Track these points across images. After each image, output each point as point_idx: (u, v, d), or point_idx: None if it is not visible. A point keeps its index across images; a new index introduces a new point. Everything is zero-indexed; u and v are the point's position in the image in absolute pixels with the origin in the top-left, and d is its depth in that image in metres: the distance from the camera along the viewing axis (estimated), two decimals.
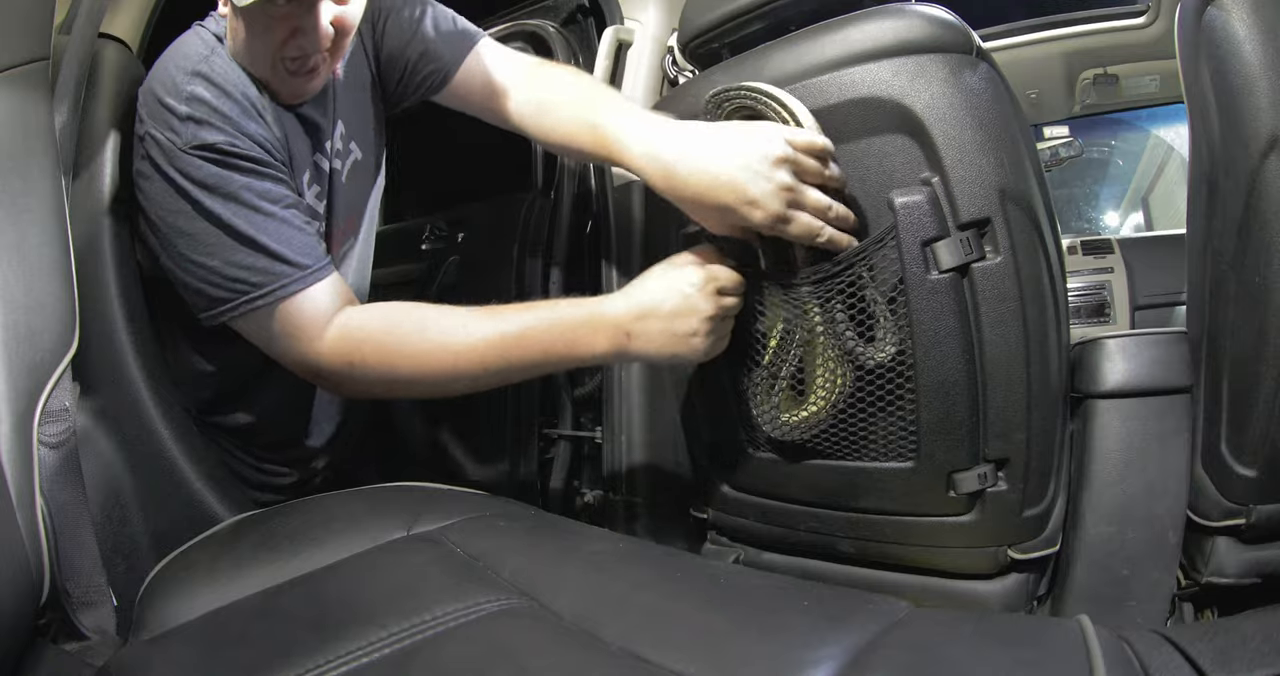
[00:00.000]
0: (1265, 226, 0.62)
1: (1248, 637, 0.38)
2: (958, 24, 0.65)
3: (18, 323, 0.54)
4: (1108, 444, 0.73)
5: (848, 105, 0.67)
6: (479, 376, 0.70)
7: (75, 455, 0.59)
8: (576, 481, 1.11)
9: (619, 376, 1.01)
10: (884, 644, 0.40)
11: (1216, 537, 0.71)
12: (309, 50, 0.72)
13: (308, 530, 0.61)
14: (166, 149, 0.68)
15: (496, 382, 0.71)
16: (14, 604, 0.49)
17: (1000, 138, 0.63)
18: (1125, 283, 1.76)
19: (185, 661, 0.46)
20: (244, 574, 0.55)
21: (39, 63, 0.60)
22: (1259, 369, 0.64)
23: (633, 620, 0.45)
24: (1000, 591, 0.73)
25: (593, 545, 0.58)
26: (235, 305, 0.69)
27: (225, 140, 0.69)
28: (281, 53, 0.72)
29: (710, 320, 0.69)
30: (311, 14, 0.70)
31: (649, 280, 0.72)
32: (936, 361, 0.65)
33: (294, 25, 0.70)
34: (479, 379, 0.70)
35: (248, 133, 0.71)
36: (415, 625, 0.44)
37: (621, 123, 0.76)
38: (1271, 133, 0.60)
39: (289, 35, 0.71)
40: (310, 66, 0.74)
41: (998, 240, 0.64)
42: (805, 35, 0.71)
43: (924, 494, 0.70)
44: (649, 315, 0.69)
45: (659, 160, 0.70)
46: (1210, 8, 0.63)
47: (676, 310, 0.69)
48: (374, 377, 0.70)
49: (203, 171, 0.68)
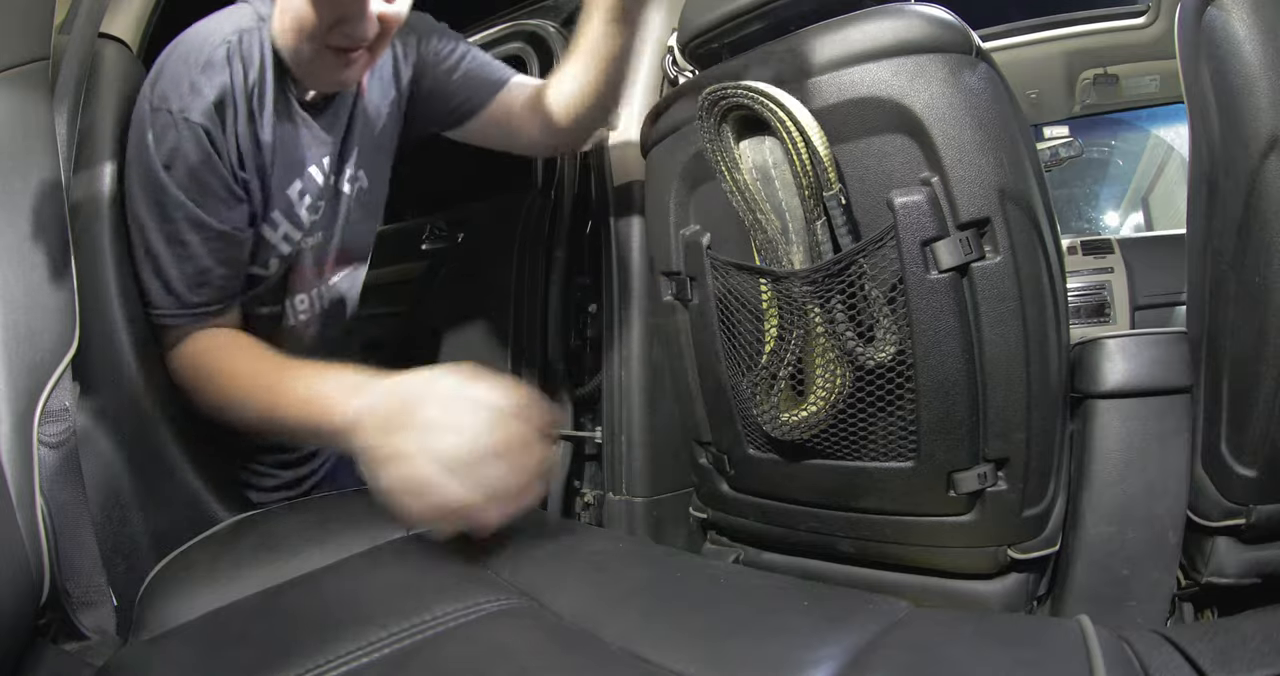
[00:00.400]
0: (1265, 226, 0.62)
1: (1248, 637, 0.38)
2: (957, 24, 0.65)
3: (18, 323, 0.54)
4: (1108, 444, 0.73)
5: (847, 105, 0.66)
6: (254, 419, 0.68)
7: (75, 455, 0.59)
8: (576, 481, 1.11)
9: (619, 376, 1.01)
10: (884, 644, 0.40)
11: (1216, 537, 0.71)
12: (355, 38, 0.73)
13: (308, 530, 0.61)
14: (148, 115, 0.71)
15: (268, 429, 0.69)
16: (14, 604, 0.49)
17: (1000, 138, 0.63)
18: (1125, 283, 1.76)
19: (185, 661, 0.46)
20: (244, 574, 0.55)
21: (39, 63, 0.60)
22: (1259, 369, 0.64)
23: (633, 620, 0.45)
24: (1000, 591, 0.73)
25: (593, 545, 0.58)
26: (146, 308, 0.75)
27: (204, 121, 0.71)
28: (327, 39, 0.74)
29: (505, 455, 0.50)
30: (359, 3, 0.72)
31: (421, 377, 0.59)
32: (936, 361, 0.65)
33: (341, 13, 0.72)
34: (255, 421, 0.69)
35: (229, 134, 0.73)
36: (415, 625, 0.44)
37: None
38: (1271, 133, 0.60)
39: (336, 21, 0.72)
40: (353, 57, 0.76)
41: (997, 240, 0.64)
42: (805, 35, 0.71)
43: (924, 493, 0.70)
44: (393, 410, 0.54)
45: None
46: (1210, 8, 0.63)
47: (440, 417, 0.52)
48: (202, 399, 0.74)
49: (156, 159, 0.71)
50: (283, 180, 0.82)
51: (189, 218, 0.73)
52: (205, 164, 0.73)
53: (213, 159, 0.73)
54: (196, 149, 0.72)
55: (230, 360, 0.74)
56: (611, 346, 1.02)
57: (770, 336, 0.73)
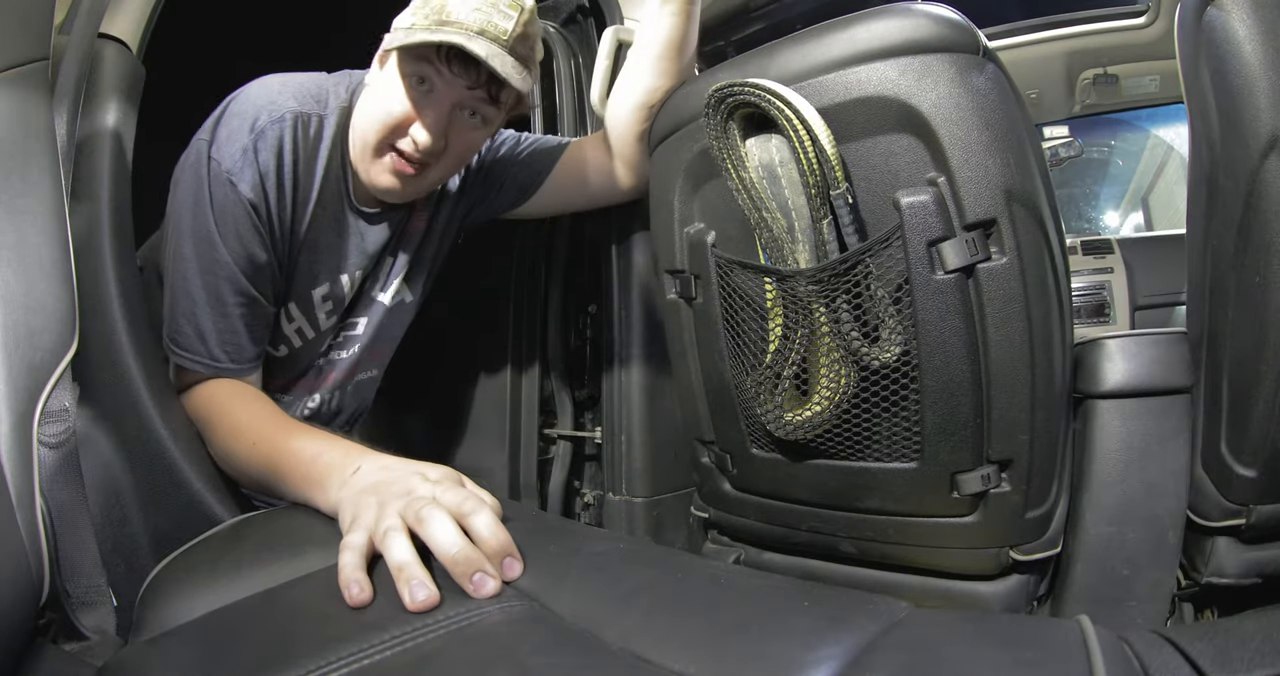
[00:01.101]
0: (1265, 226, 0.62)
1: (1248, 637, 0.38)
2: (964, 24, 0.65)
3: (18, 323, 0.54)
4: (1108, 444, 0.73)
5: (854, 104, 0.66)
6: (252, 471, 0.70)
7: (75, 455, 0.59)
8: (576, 481, 1.11)
9: (619, 376, 1.01)
10: (884, 644, 0.40)
11: (1216, 537, 0.71)
12: (420, 145, 0.75)
13: (308, 530, 0.61)
14: (206, 161, 0.73)
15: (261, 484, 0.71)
16: (14, 604, 0.49)
17: (1007, 138, 0.63)
18: (1125, 283, 1.76)
19: (185, 661, 0.46)
20: (244, 574, 0.55)
21: (39, 63, 0.60)
22: (1259, 369, 0.64)
23: (633, 620, 0.45)
24: (1001, 592, 0.73)
25: (593, 545, 0.58)
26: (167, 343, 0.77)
27: (252, 196, 0.73)
28: (391, 137, 0.76)
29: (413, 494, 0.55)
30: (439, 107, 0.74)
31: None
32: (941, 362, 0.65)
33: (413, 117, 0.74)
34: (252, 473, 0.70)
35: (271, 215, 0.76)
36: (416, 627, 0.44)
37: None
38: (1271, 133, 0.60)
39: (408, 118, 0.74)
40: (414, 163, 0.77)
41: (1003, 241, 0.63)
42: (811, 34, 0.71)
43: (927, 495, 0.70)
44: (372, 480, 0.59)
45: None
46: (1210, 8, 0.63)
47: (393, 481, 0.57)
48: (208, 440, 0.75)
49: (210, 214, 0.73)
50: (308, 279, 0.83)
51: (230, 279, 0.74)
52: (253, 236, 0.74)
53: (260, 233, 0.75)
54: (246, 220, 0.74)
55: (240, 412, 0.74)
56: (611, 346, 1.02)
57: (775, 335, 0.73)
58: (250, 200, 0.73)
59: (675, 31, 0.81)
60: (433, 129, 0.74)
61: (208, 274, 0.74)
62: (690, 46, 0.84)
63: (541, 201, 0.96)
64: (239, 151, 0.72)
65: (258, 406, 0.76)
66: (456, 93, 0.74)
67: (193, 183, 0.73)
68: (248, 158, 0.72)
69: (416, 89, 0.74)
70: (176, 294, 0.75)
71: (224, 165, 0.72)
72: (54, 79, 0.66)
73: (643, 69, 0.85)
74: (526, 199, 0.95)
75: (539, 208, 0.97)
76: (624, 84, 0.88)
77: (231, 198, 0.72)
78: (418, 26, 0.71)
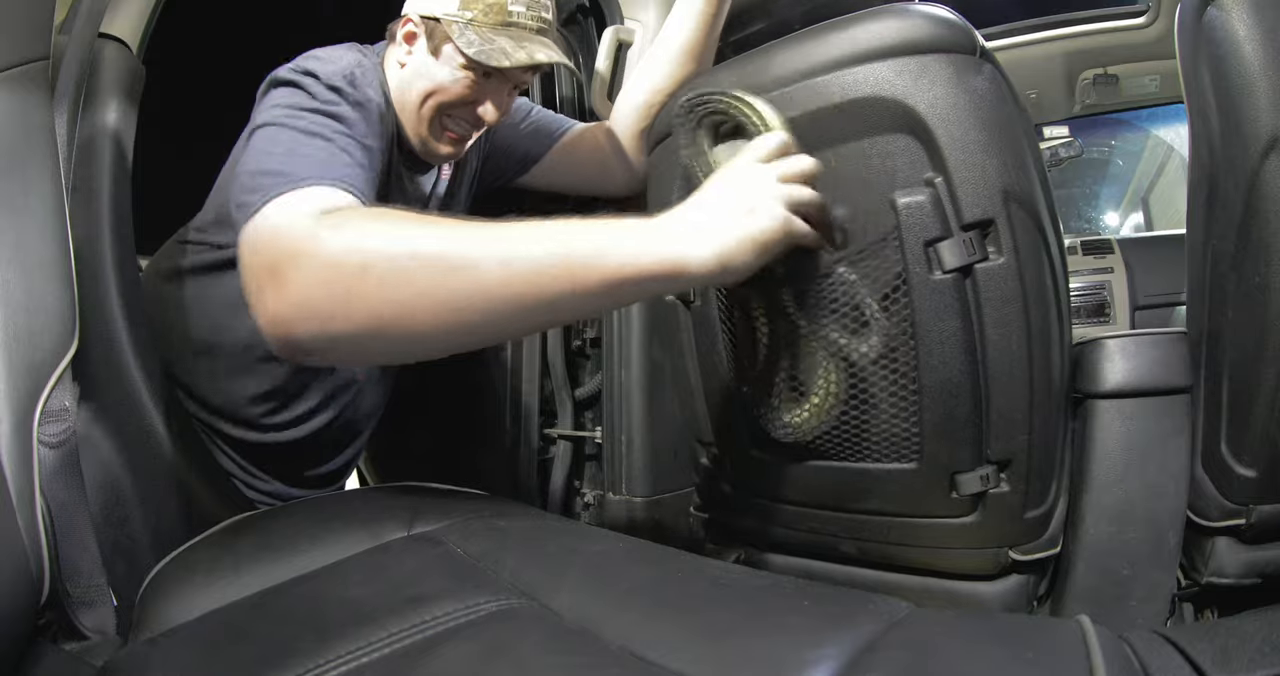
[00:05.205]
0: (1265, 226, 0.62)
1: (1248, 637, 0.38)
2: (962, 24, 0.65)
3: (18, 323, 0.54)
4: (1108, 444, 0.73)
5: (851, 105, 0.66)
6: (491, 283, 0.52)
7: (75, 455, 0.59)
8: (576, 481, 1.11)
9: (619, 376, 1.01)
10: (884, 644, 0.40)
11: (1216, 538, 0.71)
12: (488, 120, 0.81)
13: (308, 530, 0.61)
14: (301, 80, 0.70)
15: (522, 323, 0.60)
16: (14, 604, 0.49)
17: (1004, 138, 0.63)
18: (1125, 283, 1.77)
19: (185, 661, 0.46)
20: (244, 574, 0.55)
21: (39, 63, 0.60)
22: (1259, 369, 0.64)
23: (633, 620, 0.45)
24: (1001, 592, 0.73)
25: (593, 545, 0.58)
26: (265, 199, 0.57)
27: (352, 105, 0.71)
28: (451, 111, 0.80)
29: (772, 192, 0.57)
30: (504, 89, 0.80)
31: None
32: (939, 362, 0.65)
33: (484, 96, 0.79)
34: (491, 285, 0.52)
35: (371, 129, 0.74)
36: (415, 625, 0.44)
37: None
38: (1271, 133, 0.60)
39: (473, 101, 0.79)
40: (464, 134, 0.83)
41: (1001, 241, 0.63)
42: (808, 35, 0.71)
43: (926, 495, 0.70)
44: (694, 208, 0.59)
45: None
46: (1210, 8, 0.63)
47: (724, 192, 0.58)
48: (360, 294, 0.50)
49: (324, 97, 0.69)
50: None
51: (346, 149, 0.65)
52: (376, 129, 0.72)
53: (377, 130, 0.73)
54: (372, 112, 0.73)
55: (432, 230, 0.54)
56: (611, 346, 1.02)
57: (762, 336, 0.73)
58: (371, 98, 0.73)
59: (695, 36, 0.85)
60: (502, 108, 0.81)
61: (322, 136, 0.65)
62: (706, 55, 0.87)
63: (539, 175, 0.99)
64: (344, 69, 0.72)
65: (436, 222, 0.56)
66: (516, 77, 0.81)
67: (299, 90, 0.68)
68: (353, 76, 0.72)
69: (482, 79, 0.79)
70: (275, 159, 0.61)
71: (334, 76, 0.70)
72: (54, 79, 0.67)
73: (654, 68, 0.88)
74: (527, 170, 0.99)
75: (537, 181, 1.00)
76: (635, 80, 0.92)
77: (352, 97, 0.70)
78: (478, 22, 0.75)
